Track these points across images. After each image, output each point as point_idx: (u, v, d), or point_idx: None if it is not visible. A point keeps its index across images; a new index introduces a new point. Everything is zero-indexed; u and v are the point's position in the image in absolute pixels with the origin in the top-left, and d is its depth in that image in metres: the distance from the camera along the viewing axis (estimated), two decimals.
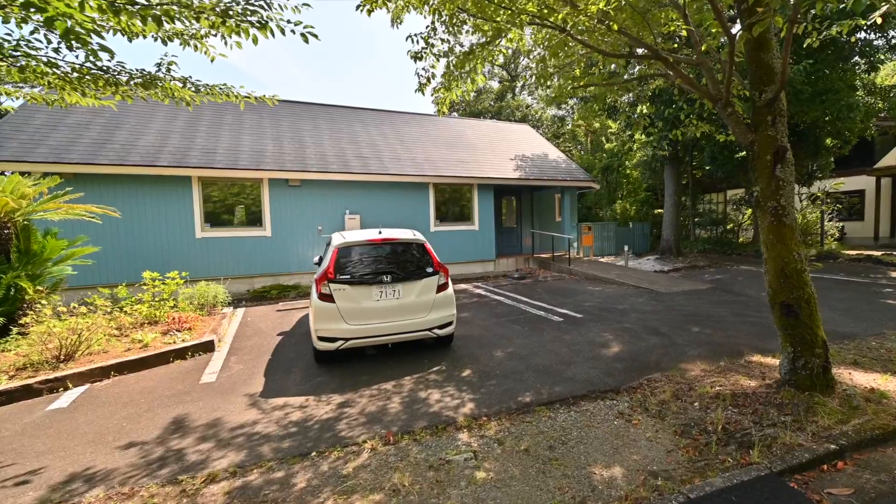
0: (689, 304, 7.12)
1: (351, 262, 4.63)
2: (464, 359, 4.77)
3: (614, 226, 15.08)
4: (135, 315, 5.98)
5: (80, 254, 6.06)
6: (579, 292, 8.42)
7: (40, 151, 7.66)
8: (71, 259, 5.92)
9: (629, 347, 4.93)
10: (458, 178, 10.93)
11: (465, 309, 7.26)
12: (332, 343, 4.39)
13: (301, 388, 4.09)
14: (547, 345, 5.15)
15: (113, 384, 4.34)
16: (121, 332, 5.61)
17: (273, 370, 4.61)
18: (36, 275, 5.72)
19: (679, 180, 14.34)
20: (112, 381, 4.43)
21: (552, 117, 24.45)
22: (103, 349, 5.01)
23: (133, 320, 5.93)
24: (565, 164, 13.74)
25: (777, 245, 3.36)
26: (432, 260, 4.87)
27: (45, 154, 7.63)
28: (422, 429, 3.24)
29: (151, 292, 6.38)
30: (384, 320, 4.51)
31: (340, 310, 4.40)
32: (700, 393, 3.56)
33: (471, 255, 11.43)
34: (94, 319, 5.23)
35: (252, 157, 9.25)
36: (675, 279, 9.56)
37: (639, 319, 6.18)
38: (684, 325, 5.78)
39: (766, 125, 3.39)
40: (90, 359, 4.72)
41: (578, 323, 6.09)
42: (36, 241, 5.73)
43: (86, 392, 4.14)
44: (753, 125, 3.49)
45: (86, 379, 4.38)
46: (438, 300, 4.75)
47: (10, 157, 7.38)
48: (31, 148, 7.71)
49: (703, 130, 4.73)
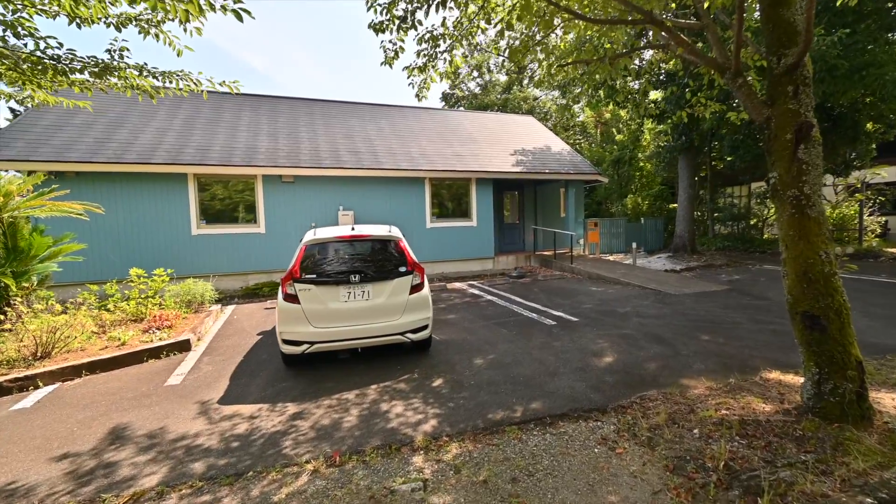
0: (700, 307, 6.47)
1: (319, 261, 4.27)
2: (439, 366, 4.32)
3: (624, 221, 14.30)
4: (118, 313, 5.81)
5: (68, 251, 5.91)
6: (579, 293, 7.83)
7: (44, 151, 7.64)
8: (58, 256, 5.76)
9: (624, 357, 4.37)
10: (454, 173, 10.43)
11: (453, 310, 6.79)
12: (298, 347, 4.05)
13: (261, 394, 3.78)
14: (533, 352, 4.64)
15: (82, 384, 4.18)
16: (103, 330, 5.45)
17: (241, 373, 4.32)
18: (21, 272, 5.59)
19: (695, 172, 13.46)
20: (82, 380, 4.28)
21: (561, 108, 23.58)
22: (81, 347, 4.88)
23: (117, 318, 5.77)
24: (570, 156, 13.05)
25: (799, 242, 2.77)
26: (406, 258, 4.43)
27: (48, 153, 7.60)
28: (374, 449, 2.83)
29: (138, 289, 6.21)
30: (352, 323, 4.12)
31: (305, 311, 4.04)
32: (701, 417, 3.00)
33: (468, 253, 10.93)
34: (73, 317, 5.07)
35: (246, 154, 9.04)
36: (687, 279, 8.85)
37: (640, 325, 5.59)
38: (692, 333, 5.17)
39: (785, 97, 2.80)
40: (66, 357, 4.59)
41: (572, 327, 5.55)
42: (22, 239, 5.59)
43: (53, 392, 4.01)
44: (770, 98, 2.90)
45: (57, 378, 4.26)
46: (412, 302, 4.31)
47: (15, 156, 7.37)
48: (36, 147, 7.68)
49: (714, 111, 4.10)
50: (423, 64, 4.42)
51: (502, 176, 10.98)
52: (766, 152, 2.95)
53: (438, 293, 8.27)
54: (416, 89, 4.71)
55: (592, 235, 12.71)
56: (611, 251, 13.64)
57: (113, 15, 3.41)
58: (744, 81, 2.95)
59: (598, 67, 4.22)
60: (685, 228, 12.77)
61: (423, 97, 4.80)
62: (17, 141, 7.74)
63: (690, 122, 11.94)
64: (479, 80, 27.48)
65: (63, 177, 7.67)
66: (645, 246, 14.50)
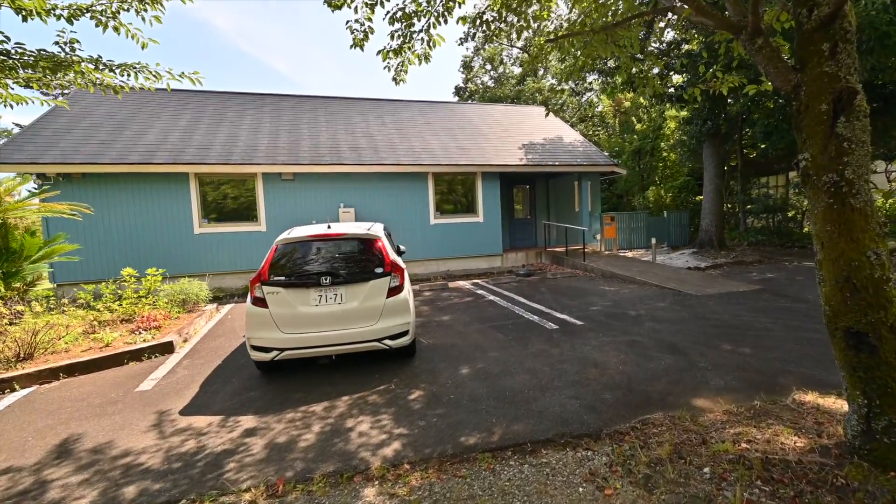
0: (725, 310, 5.79)
1: (290, 262, 4.01)
2: (421, 375, 3.95)
3: (644, 215, 13.43)
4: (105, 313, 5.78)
5: (60, 251, 5.94)
6: (588, 293, 7.26)
7: (51, 154, 7.81)
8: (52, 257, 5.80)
9: (630, 370, 3.85)
10: (458, 167, 10.00)
11: (449, 311, 6.40)
12: (267, 353, 3.80)
13: (226, 404, 3.55)
14: (526, 361, 4.19)
15: (57, 387, 4.10)
16: (94, 330, 5.42)
17: (214, 379, 4.13)
18: (12, 272, 5.66)
19: (723, 161, 12.43)
20: (59, 383, 4.21)
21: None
22: (66, 348, 4.83)
23: (109, 318, 5.73)
24: (583, 147, 12.32)
25: (839, 240, 2.21)
26: (384, 259, 4.08)
27: (55, 156, 7.76)
28: (323, 476, 2.51)
29: (131, 289, 6.19)
30: (324, 329, 3.83)
31: (274, 316, 3.78)
32: (715, 451, 2.49)
33: (474, 250, 10.49)
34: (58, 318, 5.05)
35: (246, 152, 8.98)
36: (713, 278, 8.08)
37: (653, 330, 5.01)
38: (712, 341, 4.56)
39: (819, 58, 2.23)
40: (47, 358, 4.54)
41: (575, 332, 5.04)
42: (14, 240, 5.66)
43: (27, 396, 3.93)
44: (799, 61, 2.33)
45: (34, 380, 4.20)
46: (389, 306, 3.96)
47: (25, 159, 7.56)
48: (45, 151, 7.86)
49: (733, 85, 3.48)
50: (399, 46, 4.02)
51: (508, 169, 10.45)
52: (795, 129, 2.39)
53: (438, 292, 7.89)
54: (392, 72, 4.32)
55: (609, 230, 11.96)
56: (630, 247, 12.84)
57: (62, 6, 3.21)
58: (765, 42, 2.39)
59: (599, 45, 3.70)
60: (712, 222, 11.81)
61: (400, 81, 4.40)
62: (27, 145, 7.91)
63: (715, 107, 10.97)
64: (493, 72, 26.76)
65: (70, 179, 7.80)
66: (668, 241, 13.58)
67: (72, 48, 3.39)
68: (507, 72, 26.02)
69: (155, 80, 3.73)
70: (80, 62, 3.41)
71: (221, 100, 11.51)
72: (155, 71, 3.65)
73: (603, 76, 12.71)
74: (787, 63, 2.40)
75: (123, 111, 9.85)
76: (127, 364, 4.62)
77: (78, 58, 3.40)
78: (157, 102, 10.63)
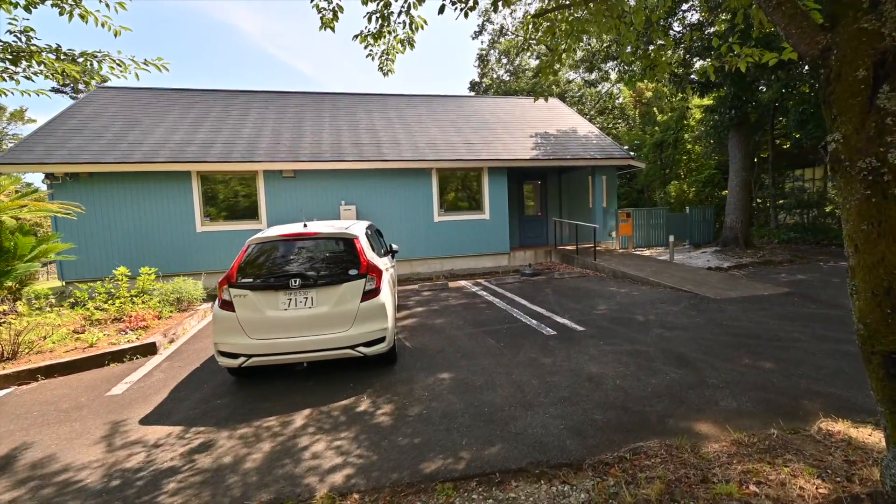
0: (747, 316, 5.22)
1: (260, 263, 3.80)
2: (397, 385, 3.66)
3: (664, 211, 12.65)
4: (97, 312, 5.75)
5: (55, 249, 5.98)
6: (595, 294, 6.77)
7: (59, 154, 7.96)
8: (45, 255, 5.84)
9: (629, 385, 3.43)
10: (463, 162, 9.62)
11: (443, 313, 6.08)
12: (234, 360, 3.60)
13: (189, 413, 3.38)
14: (514, 371, 3.83)
15: (33, 389, 4.05)
16: (83, 330, 5.40)
17: (187, 384, 3.98)
18: (4, 271, 5.72)
19: (750, 152, 11.51)
20: (35, 385, 4.16)
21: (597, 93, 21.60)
22: (52, 348, 4.80)
23: (102, 316, 5.72)
24: (597, 139, 11.68)
25: (878, 242, 1.75)
26: (359, 260, 3.80)
27: (62, 156, 7.90)
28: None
29: (124, 288, 6.18)
30: (293, 335, 3.59)
31: (241, 320, 3.57)
32: (716, 495, 2.08)
33: (480, 248, 10.11)
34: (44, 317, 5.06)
35: (247, 150, 8.92)
36: (735, 279, 7.42)
37: (661, 338, 4.53)
38: (728, 352, 4.06)
39: (856, 11, 1.76)
40: (30, 359, 4.52)
41: (574, 339, 4.63)
42: (7, 239, 5.72)
43: (2, 398, 3.89)
44: (830, 17, 1.87)
45: (13, 381, 4.16)
46: (364, 310, 3.68)
47: (34, 159, 7.73)
48: (53, 151, 8.02)
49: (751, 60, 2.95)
50: (378, 30, 3.70)
51: (516, 164, 10.00)
52: (824, 104, 1.92)
53: (437, 292, 7.58)
54: (376, 61, 4.01)
55: (624, 228, 11.31)
56: (648, 245, 12.13)
57: None
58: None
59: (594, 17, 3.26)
60: (737, 218, 10.97)
61: (388, 72, 4.09)
62: (37, 146, 8.08)
63: (742, 93, 10.11)
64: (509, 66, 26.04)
65: (78, 178, 7.91)
66: (690, 239, 12.77)
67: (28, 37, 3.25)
68: (523, 64, 25.27)
69: (121, 69, 3.56)
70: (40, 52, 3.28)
71: (228, 98, 11.54)
72: (119, 59, 3.49)
73: (621, 64, 11.99)
74: (813, 21, 1.94)
75: (132, 111, 9.99)
76: (107, 365, 4.54)
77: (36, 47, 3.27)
78: (166, 102, 10.75)
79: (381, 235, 5.97)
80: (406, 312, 6.23)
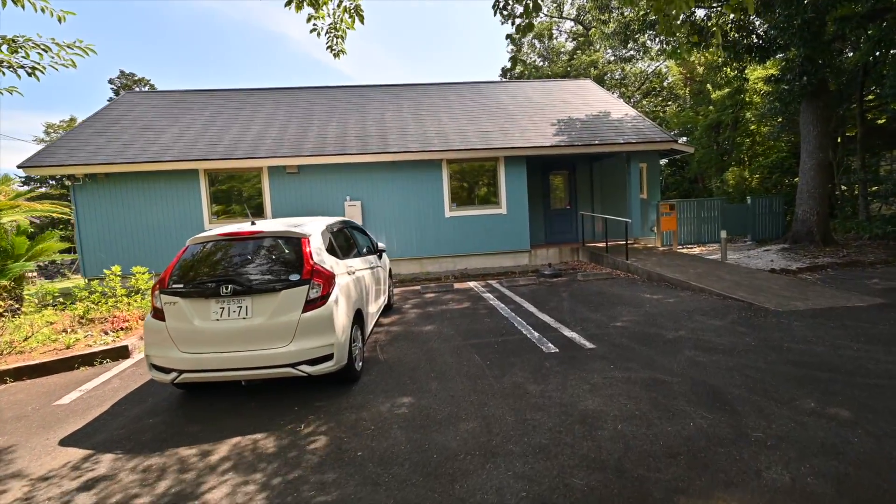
0: (819, 338, 4.00)
1: (196, 266, 3.37)
2: (345, 412, 3.08)
3: (720, 202, 10.92)
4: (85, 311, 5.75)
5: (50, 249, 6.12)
6: (620, 302, 5.72)
7: (78, 156, 8.33)
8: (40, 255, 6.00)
9: (634, 432, 2.55)
10: (476, 152, 8.83)
11: (436, 319, 5.40)
12: (167, 374, 3.21)
13: (113, 433, 3.04)
14: (490, 401, 3.08)
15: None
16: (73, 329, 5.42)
17: (134, 395, 3.69)
18: None
19: (828, 128, 9.50)
20: (3, 388, 4.09)
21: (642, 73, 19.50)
22: (31, 349, 4.80)
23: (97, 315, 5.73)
24: (634, 121, 10.28)
25: None
26: (303, 263, 3.25)
27: (81, 158, 8.26)
28: None
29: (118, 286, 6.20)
30: (225, 349, 3.13)
31: (170, 331, 3.18)
32: None
33: (497, 245, 9.27)
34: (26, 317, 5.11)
35: (251, 146, 8.81)
36: (806, 285, 5.98)
37: (692, 364, 3.52)
38: (786, 391, 3.00)
39: None
40: (5, 360, 4.50)
41: (577, 360, 3.75)
42: (4, 239, 5.93)
43: None
44: None
45: None
46: (306, 322, 3.13)
47: (55, 162, 8.15)
48: (73, 153, 8.40)
49: None
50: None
51: (535, 151, 9.01)
52: None
53: (440, 294, 6.92)
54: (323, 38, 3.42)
55: (667, 222, 9.85)
56: (699, 241, 10.53)
57: None
58: None
59: None
60: (812, 209, 9.10)
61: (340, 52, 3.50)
62: (61, 149, 8.51)
63: (816, 55, 8.22)
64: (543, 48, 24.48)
65: (95, 179, 8.21)
66: (752, 234, 10.92)
67: None
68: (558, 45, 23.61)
69: (47, 53, 3.29)
70: None
71: (244, 96, 11.63)
72: (42, 43, 3.22)
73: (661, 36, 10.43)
74: None
75: (154, 114, 10.30)
76: (77, 369, 4.41)
77: None
78: (185, 104, 11.01)
79: (364, 233, 5.41)
80: (396, 317, 5.65)
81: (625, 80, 20.87)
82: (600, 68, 19.83)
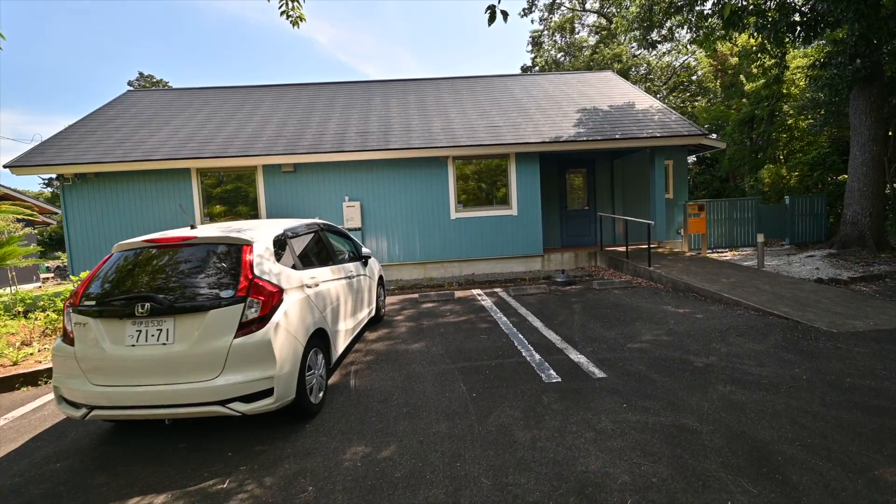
0: (890, 372, 3.22)
1: (117, 278, 2.83)
2: (283, 462, 2.53)
3: (754, 202, 9.90)
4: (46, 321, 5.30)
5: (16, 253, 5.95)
6: (640, 317, 5.01)
7: (67, 155, 8.16)
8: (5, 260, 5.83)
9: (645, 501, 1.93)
10: (484, 148, 8.24)
11: (430, 335, 4.85)
12: (77, 410, 2.69)
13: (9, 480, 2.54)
14: (466, 453, 2.50)
15: None
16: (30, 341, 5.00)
17: (54, 430, 3.17)
18: None
19: (883, 117, 8.40)
20: None
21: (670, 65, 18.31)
22: None
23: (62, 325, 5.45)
24: (659, 114, 9.43)
25: None
26: (239, 276, 2.73)
27: (69, 157, 8.07)
28: None
29: None
30: (141, 382, 2.58)
31: (79, 358, 2.65)
32: None
33: (507, 249, 8.64)
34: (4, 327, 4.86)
35: (246, 144, 8.47)
36: (863, 299, 5.10)
37: (728, 405, 2.83)
38: (856, 448, 2.30)
39: None
40: None
41: (582, 395, 3.12)
42: None
43: None
44: None
45: None
46: (239, 350, 2.58)
47: (44, 161, 8.02)
48: (62, 152, 8.26)
49: None
50: None
51: (547, 148, 8.35)
52: None
53: (439, 304, 6.36)
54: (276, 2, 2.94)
55: (695, 224, 8.96)
56: (731, 245, 9.58)
57: None
58: None
59: None
60: (864, 209, 8.04)
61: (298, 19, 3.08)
62: (50, 148, 8.32)
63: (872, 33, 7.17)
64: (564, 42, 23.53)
65: (85, 178, 8.02)
66: (791, 238, 9.87)
67: None
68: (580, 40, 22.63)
69: None
70: None
71: (245, 94, 11.42)
72: None
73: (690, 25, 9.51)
74: None
75: (151, 112, 10.11)
76: (17, 390, 4.00)
77: None
78: (182, 102, 10.83)
79: (346, 237, 4.92)
80: (384, 331, 5.13)
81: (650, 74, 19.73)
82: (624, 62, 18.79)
